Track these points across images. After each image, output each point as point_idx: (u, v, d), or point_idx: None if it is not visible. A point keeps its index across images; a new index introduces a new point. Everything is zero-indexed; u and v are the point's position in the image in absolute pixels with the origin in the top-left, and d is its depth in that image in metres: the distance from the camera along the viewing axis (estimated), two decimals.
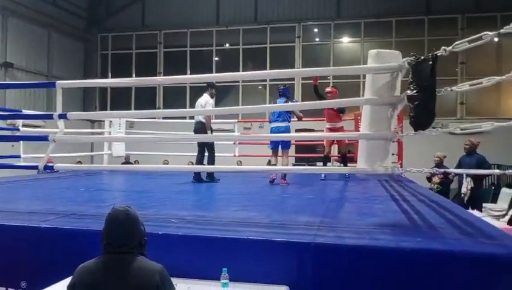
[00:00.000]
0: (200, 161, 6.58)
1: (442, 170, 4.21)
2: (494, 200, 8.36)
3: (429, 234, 2.88)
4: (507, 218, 5.56)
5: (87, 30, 16.08)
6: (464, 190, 7.29)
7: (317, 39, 15.25)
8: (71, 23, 15.27)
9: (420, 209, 3.97)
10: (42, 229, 2.88)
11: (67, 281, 2.46)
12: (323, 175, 6.72)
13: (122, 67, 15.73)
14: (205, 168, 6.05)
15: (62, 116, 3.73)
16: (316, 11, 14.61)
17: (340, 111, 7.07)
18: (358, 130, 8.07)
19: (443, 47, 3.02)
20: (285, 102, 6.22)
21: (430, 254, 2.50)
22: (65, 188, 5.53)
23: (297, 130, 9.48)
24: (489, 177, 10.30)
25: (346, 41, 14.97)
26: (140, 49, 15.96)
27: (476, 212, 5.62)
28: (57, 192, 5.15)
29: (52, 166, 3.87)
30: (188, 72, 14.70)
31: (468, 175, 7.14)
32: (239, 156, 8.85)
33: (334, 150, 8.56)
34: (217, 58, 15.50)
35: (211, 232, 2.84)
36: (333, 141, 7.40)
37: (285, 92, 6.45)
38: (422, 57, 3.07)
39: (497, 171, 7.93)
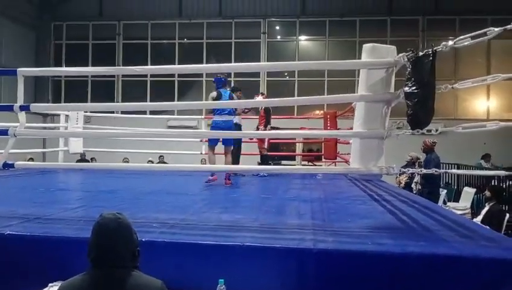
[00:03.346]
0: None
1: (442, 171, 4.03)
2: (456, 199, 8.59)
3: (429, 237, 2.77)
4: (480, 217, 5.65)
5: (38, 17, 15.05)
6: (413, 185, 7.70)
7: (279, 36, 15.17)
8: (21, 9, 14.24)
9: (406, 210, 3.88)
10: (6, 236, 2.50)
11: None
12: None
13: (78, 58, 14.86)
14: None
15: (24, 108, 3.30)
16: (281, 7, 14.52)
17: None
18: (328, 129, 8.10)
19: (443, 43, 2.92)
20: (231, 94, 5.87)
21: (439, 259, 2.38)
22: (22, 188, 5.00)
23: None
24: (445, 176, 10.56)
25: (311, 39, 14.99)
26: (97, 40, 15.18)
27: None
28: (13, 193, 4.62)
29: (13, 164, 3.43)
30: (149, 65, 14.11)
31: (418, 174, 7.30)
32: (205, 154, 8.51)
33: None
34: (179, 52, 15.03)
35: (201, 238, 2.58)
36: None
37: (219, 82, 5.82)
38: (422, 53, 2.96)
39: (454, 170, 8.27)
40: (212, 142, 5.95)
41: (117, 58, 14.97)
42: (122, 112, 10.82)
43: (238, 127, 6.74)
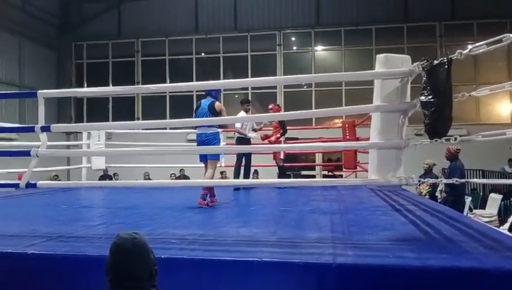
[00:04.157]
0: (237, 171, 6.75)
1: (463, 180, 3.93)
2: (483, 206, 8.37)
3: (451, 249, 2.70)
4: (507, 225, 5.48)
5: (59, 38, 15.53)
6: (437, 194, 7.48)
7: (294, 47, 15.23)
8: (43, 31, 14.72)
9: (428, 220, 3.81)
10: (29, 255, 2.56)
11: None
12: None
13: (98, 76, 15.25)
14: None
15: (45, 129, 3.40)
16: (295, 18, 14.56)
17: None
18: (347, 139, 8.04)
19: (458, 50, 2.88)
20: (212, 102, 5.18)
21: (461, 272, 2.32)
22: (45, 206, 5.11)
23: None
24: (470, 183, 10.32)
25: (327, 49, 14.99)
26: (116, 57, 15.52)
27: None
28: (36, 211, 4.72)
29: (35, 183, 3.52)
30: (167, 81, 14.34)
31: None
32: (225, 166, 8.54)
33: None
34: (196, 67, 15.22)
35: (220, 254, 2.58)
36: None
37: (210, 90, 5.37)
38: (437, 61, 2.93)
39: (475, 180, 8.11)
40: (200, 158, 5.31)
41: (136, 74, 15.26)
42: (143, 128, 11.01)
43: (246, 139, 6.66)
